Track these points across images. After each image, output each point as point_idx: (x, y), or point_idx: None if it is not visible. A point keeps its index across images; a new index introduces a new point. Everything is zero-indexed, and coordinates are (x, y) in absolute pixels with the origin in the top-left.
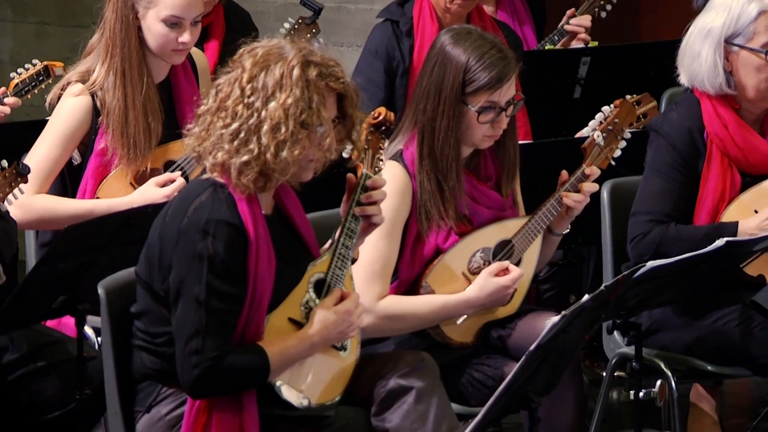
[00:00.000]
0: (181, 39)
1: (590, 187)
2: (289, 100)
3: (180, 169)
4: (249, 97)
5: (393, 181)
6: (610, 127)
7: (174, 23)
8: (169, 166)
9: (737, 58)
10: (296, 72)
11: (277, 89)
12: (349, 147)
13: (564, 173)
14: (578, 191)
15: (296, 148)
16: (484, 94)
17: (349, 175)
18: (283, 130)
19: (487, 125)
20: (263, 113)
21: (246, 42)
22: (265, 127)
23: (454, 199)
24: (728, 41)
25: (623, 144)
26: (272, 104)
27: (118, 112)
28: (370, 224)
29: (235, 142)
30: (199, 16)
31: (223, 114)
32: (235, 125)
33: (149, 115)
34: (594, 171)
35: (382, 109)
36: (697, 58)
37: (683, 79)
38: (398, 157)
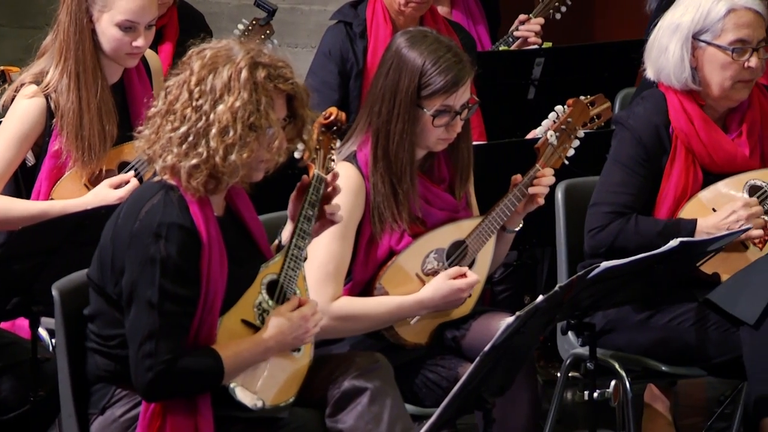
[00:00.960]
0: (135, 43)
1: (548, 180)
2: (237, 103)
3: (134, 171)
4: (197, 100)
5: (346, 181)
6: (563, 127)
7: (128, 27)
8: (123, 167)
9: (703, 54)
10: (244, 74)
11: (225, 92)
12: (300, 147)
13: (517, 176)
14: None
15: (245, 151)
16: (440, 98)
17: (304, 176)
18: (231, 133)
19: (442, 129)
20: (211, 116)
21: (195, 43)
22: (214, 131)
23: (407, 202)
24: (696, 37)
25: (576, 143)
26: (220, 107)
27: (72, 115)
28: (324, 224)
29: (184, 146)
30: (153, 20)
31: (171, 117)
32: (183, 129)
33: (104, 117)
34: (547, 172)
35: (333, 109)
36: (665, 52)
37: (649, 73)
38: (352, 158)
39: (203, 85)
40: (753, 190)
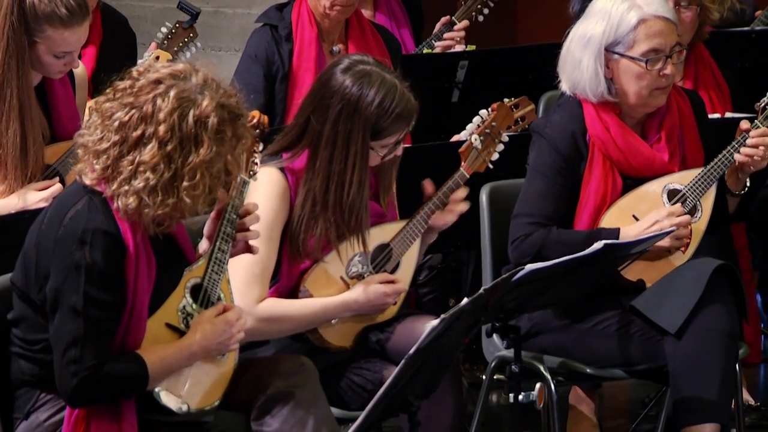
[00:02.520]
0: (68, 64)
1: (461, 205)
2: (208, 156)
3: (55, 172)
4: (167, 149)
5: (271, 184)
6: (487, 131)
7: (65, 55)
8: (45, 169)
9: (618, 65)
10: (212, 122)
11: (194, 143)
12: None
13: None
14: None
15: (210, 198)
16: (393, 138)
17: None
18: (200, 187)
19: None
20: (183, 170)
21: (140, 73)
22: (185, 184)
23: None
24: (608, 49)
25: (501, 147)
26: (191, 158)
27: (14, 148)
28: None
29: (153, 197)
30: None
31: (134, 158)
32: (153, 181)
33: (42, 143)
34: (460, 193)
35: (256, 113)
36: (578, 66)
37: (565, 87)
38: (281, 170)
39: (172, 139)
40: (671, 194)
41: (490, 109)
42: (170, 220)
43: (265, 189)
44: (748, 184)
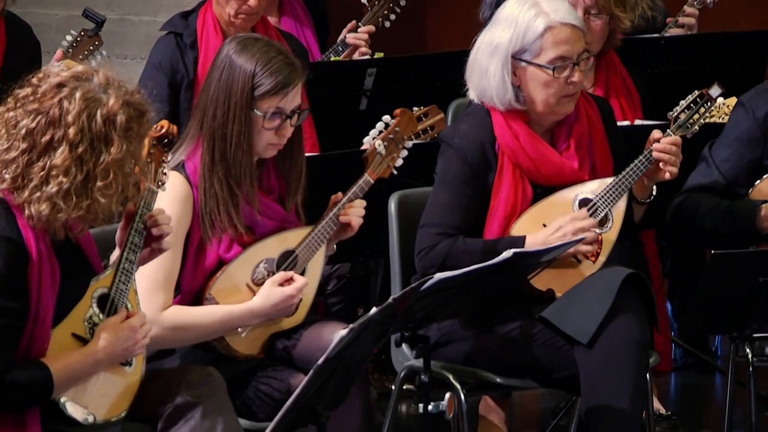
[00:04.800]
0: None
1: (358, 210)
2: (119, 155)
3: None
4: (78, 151)
5: (173, 190)
6: (390, 136)
7: None
8: None
9: (525, 73)
10: (120, 119)
11: (104, 142)
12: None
13: (339, 194)
14: (361, 198)
15: (122, 196)
16: (271, 100)
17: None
18: (113, 186)
19: (272, 132)
20: (95, 170)
21: (39, 79)
22: (99, 184)
23: (246, 205)
24: (515, 57)
25: (405, 153)
26: (102, 158)
27: None
28: (153, 252)
29: (67, 201)
30: None
31: (44, 164)
32: (66, 185)
33: None
34: (357, 204)
35: (165, 122)
36: (486, 74)
37: (472, 95)
38: (180, 167)
39: (83, 136)
40: (582, 204)
41: (393, 115)
42: (84, 224)
43: (168, 195)
44: (654, 192)
